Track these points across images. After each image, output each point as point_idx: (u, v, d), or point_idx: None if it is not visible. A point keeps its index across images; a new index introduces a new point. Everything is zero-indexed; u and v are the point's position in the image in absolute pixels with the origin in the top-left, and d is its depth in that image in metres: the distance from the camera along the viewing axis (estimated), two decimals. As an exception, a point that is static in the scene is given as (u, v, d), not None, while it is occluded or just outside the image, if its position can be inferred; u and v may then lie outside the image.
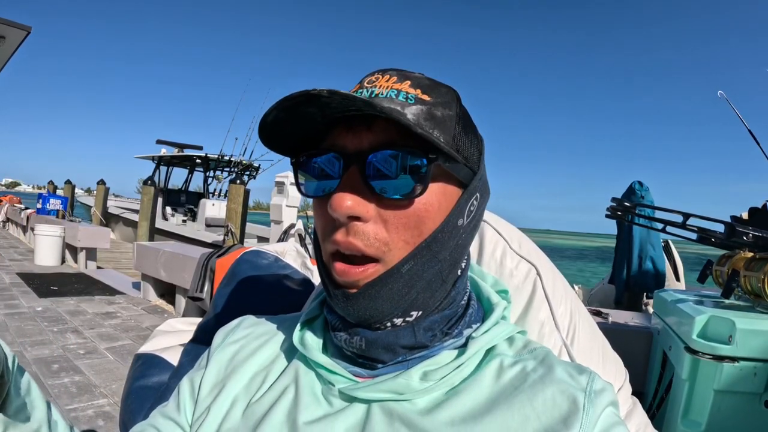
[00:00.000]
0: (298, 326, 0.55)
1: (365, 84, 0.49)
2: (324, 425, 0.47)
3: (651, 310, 4.09)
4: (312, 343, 0.53)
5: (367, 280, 0.46)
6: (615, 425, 0.44)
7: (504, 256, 0.77)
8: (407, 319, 0.48)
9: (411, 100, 0.47)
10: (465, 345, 0.51)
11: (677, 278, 4.79)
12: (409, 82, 0.48)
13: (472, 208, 0.51)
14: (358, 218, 0.45)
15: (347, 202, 0.44)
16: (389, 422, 0.46)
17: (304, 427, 0.47)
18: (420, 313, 0.49)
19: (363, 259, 0.46)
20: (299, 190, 0.51)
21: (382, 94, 0.47)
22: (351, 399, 0.48)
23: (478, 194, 0.51)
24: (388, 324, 0.48)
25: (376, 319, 0.47)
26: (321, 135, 0.50)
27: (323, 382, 0.51)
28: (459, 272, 0.52)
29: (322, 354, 0.52)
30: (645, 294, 4.34)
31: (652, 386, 2.03)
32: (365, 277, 0.46)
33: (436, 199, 0.47)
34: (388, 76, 0.49)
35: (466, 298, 0.54)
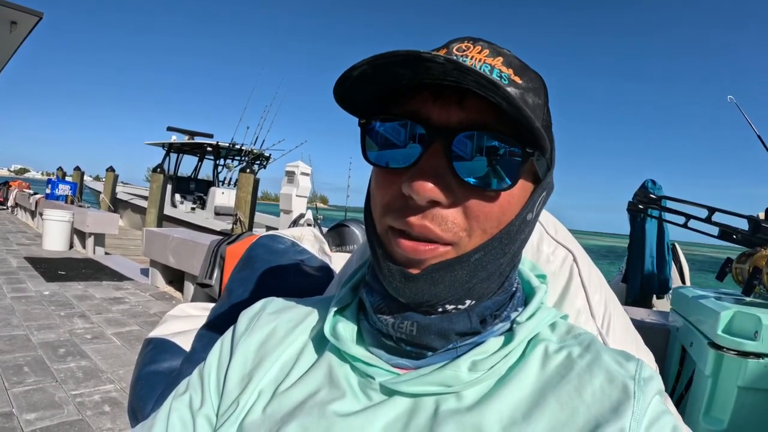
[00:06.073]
0: (330, 315, 0.52)
1: (454, 51, 0.44)
2: (362, 419, 0.43)
3: (661, 308, 4.07)
4: (345, 333, 0.50)
5: (434, 261, 0.42)
6: (664, 414, 0.42)
7: (541, 241, 0.73)
8: (459, 306, 0.45)
9: (504, 80, 0.42)
10: (510, 330, 0.48)
11: (683, 281, 4.79)
12: (501, 59, 0.44)
13: (540, 203, 0.48)
14: (437, 202, 0.41)
15: (429, 185, 0.40)
16: (434, 417, 0.43)
17: (340, 420, 0.44)
18: (473, 302, 0.46)
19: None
20: (364, 156, 0.46)
21: (473, 66, 0.41)
22: (392, 392, 0.45)
23: (547, 190, 0.49)
24: (440, 309, 0.45)
25: (429, 304, 0.44)
26: (395, 97, 0.45)
27: (360, 375, 0.48)
28: (515, 265, 0.50)
29: (358, 345, 0.49)
30: (655, 294, 4.34)
31: (670, 383, 2.01)
32: (434, 256, 0.42)
33: (518, 191, 0.44)
34: (480, 48, 0.44)
35: (516, 284, 0.52)
